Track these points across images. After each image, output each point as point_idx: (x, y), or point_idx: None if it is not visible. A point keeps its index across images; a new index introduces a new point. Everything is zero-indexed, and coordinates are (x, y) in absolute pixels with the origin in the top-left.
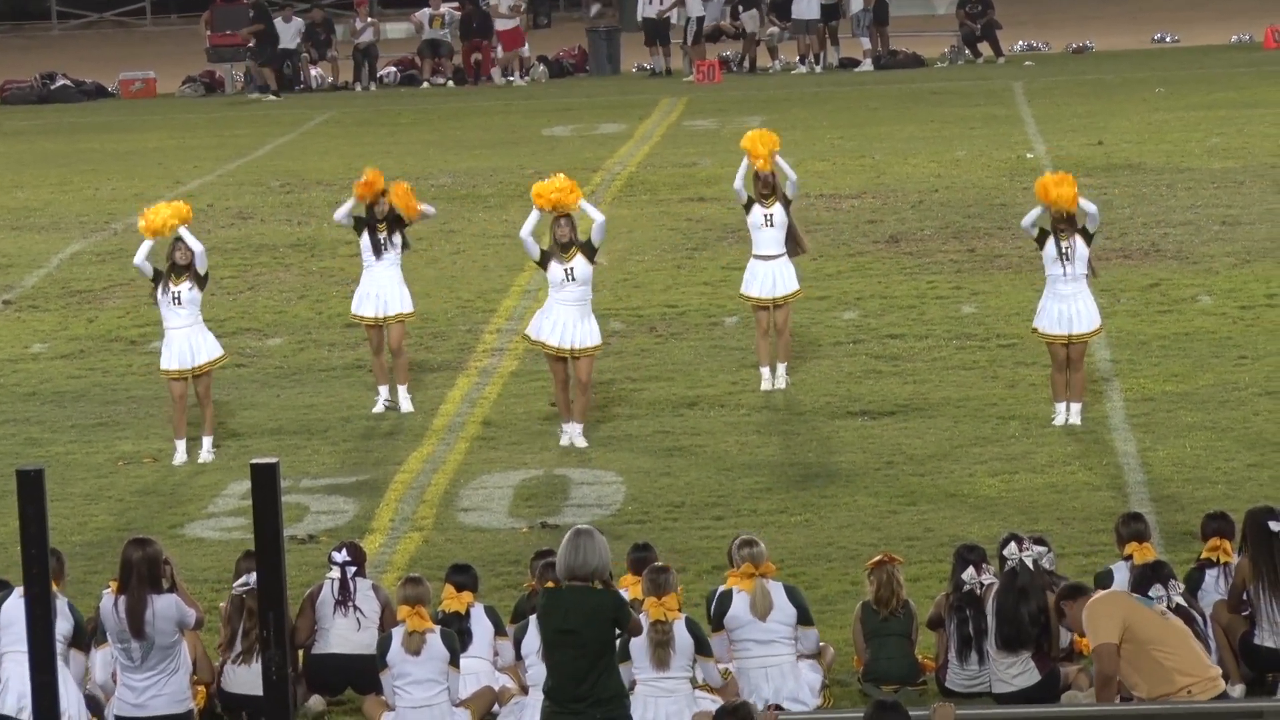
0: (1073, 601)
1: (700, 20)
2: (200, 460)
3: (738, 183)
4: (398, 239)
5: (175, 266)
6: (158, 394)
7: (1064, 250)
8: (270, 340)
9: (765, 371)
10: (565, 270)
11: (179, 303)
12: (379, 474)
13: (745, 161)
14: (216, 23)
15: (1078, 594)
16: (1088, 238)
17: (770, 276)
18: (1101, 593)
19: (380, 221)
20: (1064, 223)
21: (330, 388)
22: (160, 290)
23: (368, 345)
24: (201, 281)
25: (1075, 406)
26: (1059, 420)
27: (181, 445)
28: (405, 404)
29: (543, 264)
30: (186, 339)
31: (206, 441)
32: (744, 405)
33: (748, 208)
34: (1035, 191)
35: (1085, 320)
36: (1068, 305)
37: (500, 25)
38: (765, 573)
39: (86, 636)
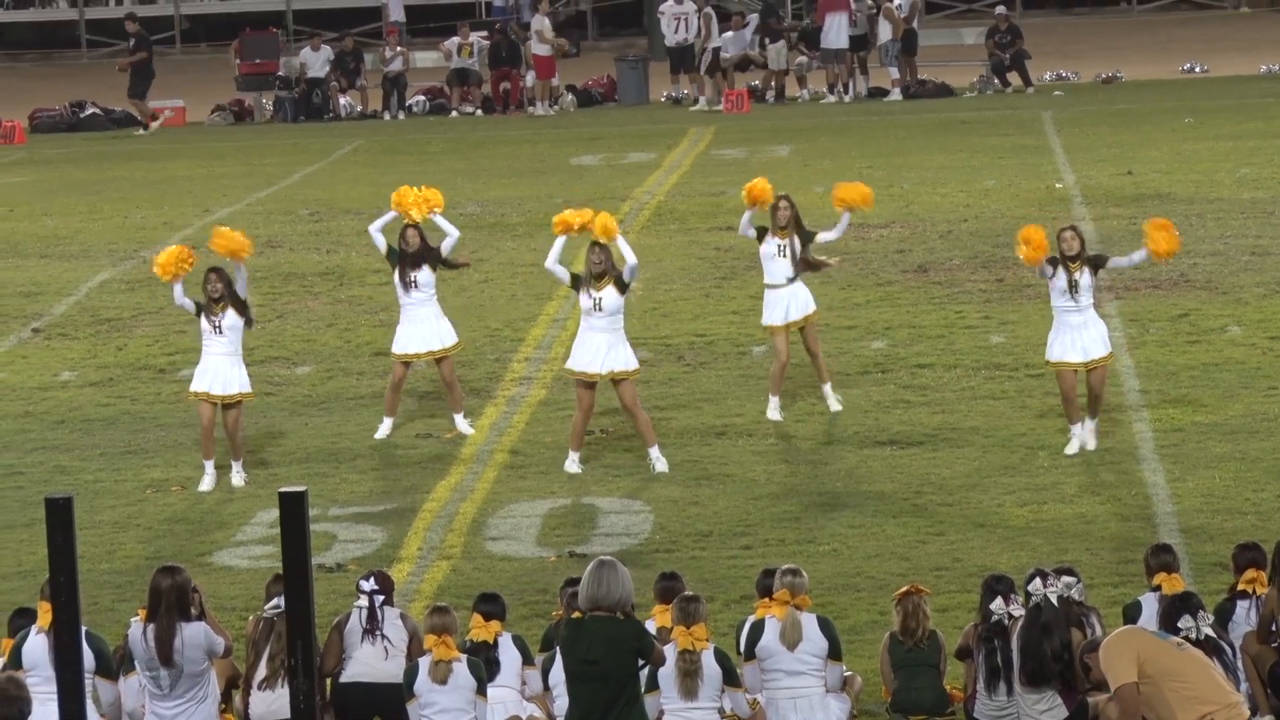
0: (1096, 653)
1: (716, 51)
2: (234, 484)
3: (746, 229)
4: (425, 274)
5: (211, 300)
6: (186, 421)
7: (1073, 282)
8: (299, 369)
9: (775, 401)
10: (594, 300)
11: (219, 331)
12: (407, 502)
13: (747, 213)
14: (246, 51)
15: (1098, 647)
16: (1094, 269)
17: (784, 303)
18: (1114, 633)
19: (409, 255)
20: (1073, 257)
21: (359, 416)
22: (204, 319)
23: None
24: (242, 307)
25: (1091, 425)
26: (1073, 448)
27: (210, 466)
28: (465, 427)
29: (575, 288)
30: (221, 367)
31: (236, 465)
32: (772, 434)
33: (761, 237)
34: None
35: (1100, 346)
36: (1080, 334)
37: (538, 51)
38: (800, 604)
39: (111, 663)
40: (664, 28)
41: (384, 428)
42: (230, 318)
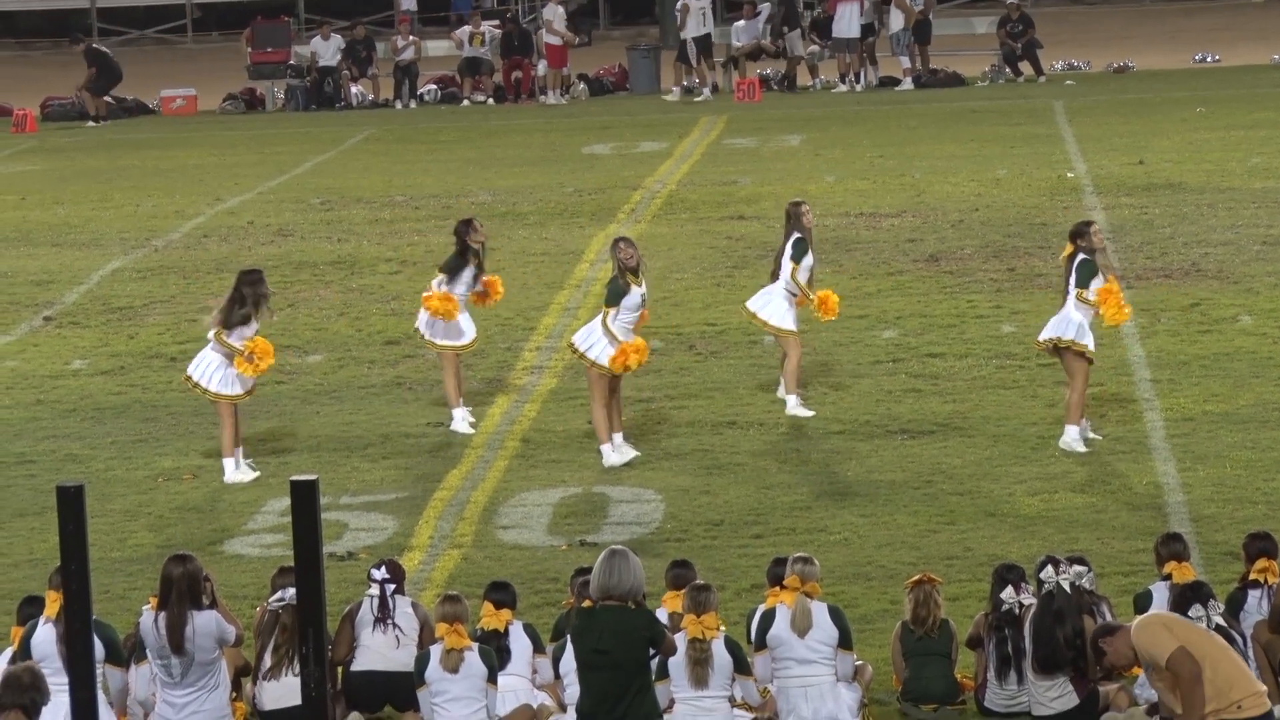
0: (1111, 637)
1: (699, 40)
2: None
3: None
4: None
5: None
6: (197, 410)
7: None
8: (310, 357)
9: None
10: (643, 296)
11: None
12: (418, 491)
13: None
14: (258, 40)
15: (1114, 630)
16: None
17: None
18: (1145, 616)
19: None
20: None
21: (370, 405)
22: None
23: (446, 367)
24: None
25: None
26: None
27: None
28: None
29: (616, 299)
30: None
31: (239, 454)
32: (783, 424)
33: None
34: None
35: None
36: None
37: (550, 40)
38: (810, 592)
39: (121, 651)
40: (692, 26)
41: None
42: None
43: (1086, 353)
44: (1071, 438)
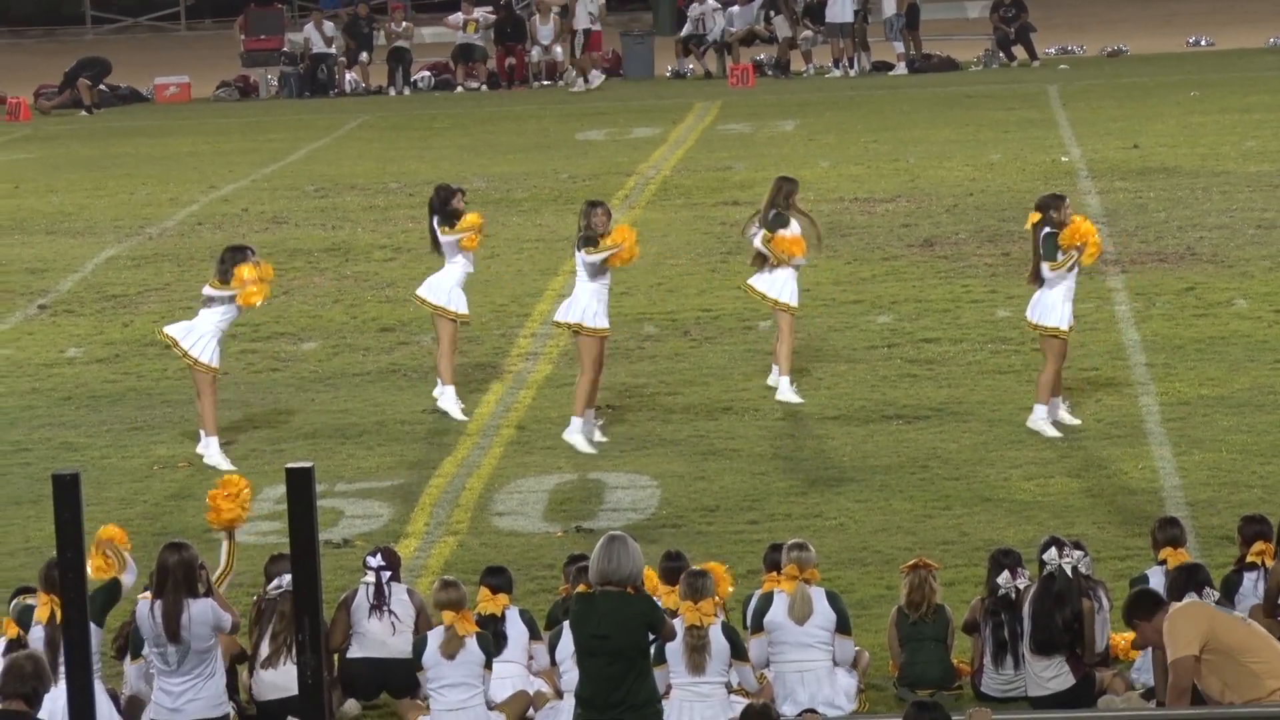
0: (1145, 623)
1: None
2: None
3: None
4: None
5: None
6: (192, 398)
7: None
8: (305, 344)
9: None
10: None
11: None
12: (414, 478)
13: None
14: (251, 27)
15: (1152, 613)
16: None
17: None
18: (1184, 603)
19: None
20: None
21: (365, 392)
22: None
23: (435, 346)
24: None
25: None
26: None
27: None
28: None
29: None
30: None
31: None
32: (778, 409)
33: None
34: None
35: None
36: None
37: (587, 26)
38: (809, 578)
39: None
40: (709, 25)
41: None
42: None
43: (1058, 333)
44: (1039, 416)
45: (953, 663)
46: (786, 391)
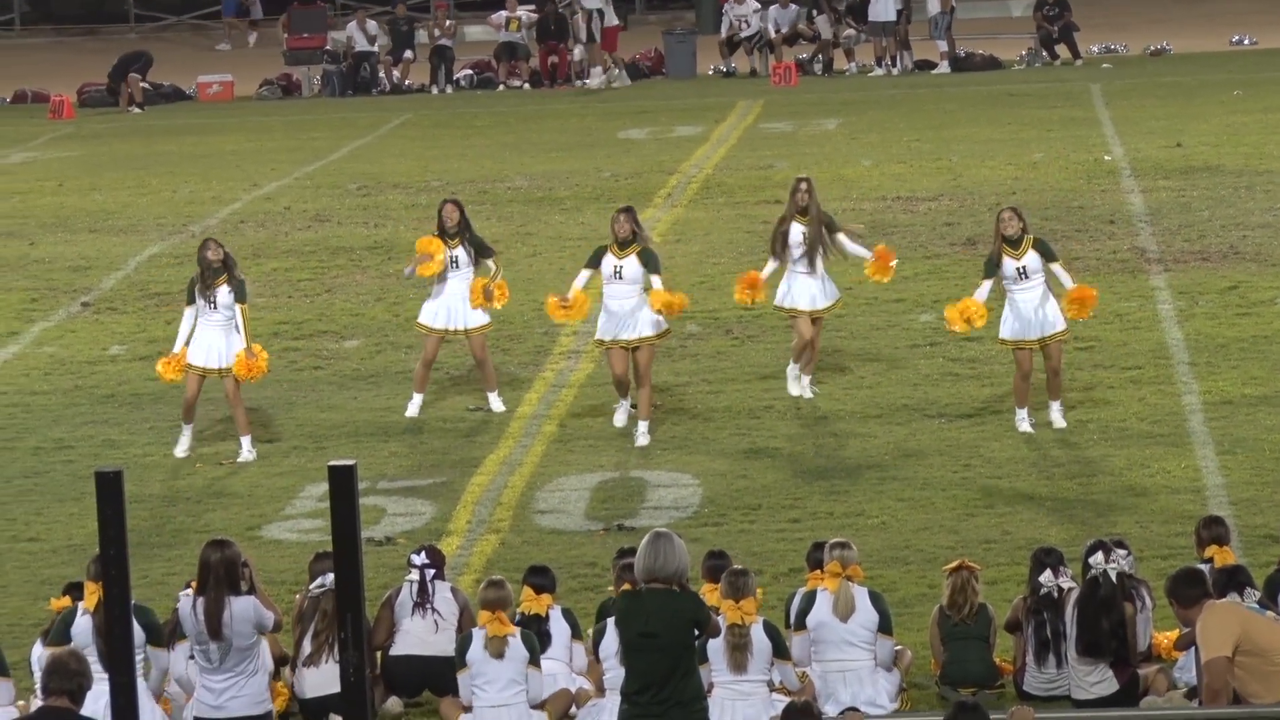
0: (1185, 609)
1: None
2: (240, 460)
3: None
4: (464, 251)
5: (209, 269)
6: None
7: (1020, 268)
8: (347, 342)
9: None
10: (615, 268)
11: (214, 307)
12: (456, 476)
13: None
14: (294, 25)
15: (1195, 595)
16: (1040, 250)
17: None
18: (1217, 603)
19: (452, 237)
20: (1015, 240)
21: (407, 390)
22: (198, 294)
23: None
24: (238, 287)
25: (1057, 406)
26: (1026, 426)
27: (189, 430)
28: (497, 404)
29: (594, 262)
30: (217, 341)
31: (245, 441)
32: (820, 408)
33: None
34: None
35: (1059, 320)
36: (1038, 311)
37: (610, 22)
38: (852, 576)
39: (161, 633)
40: (750, 25)
41: (415, 402)
42: (225, 295)
43: (1003, 343)
44: (1019, 417)
45: (995, 661)
46: (797, 382)
